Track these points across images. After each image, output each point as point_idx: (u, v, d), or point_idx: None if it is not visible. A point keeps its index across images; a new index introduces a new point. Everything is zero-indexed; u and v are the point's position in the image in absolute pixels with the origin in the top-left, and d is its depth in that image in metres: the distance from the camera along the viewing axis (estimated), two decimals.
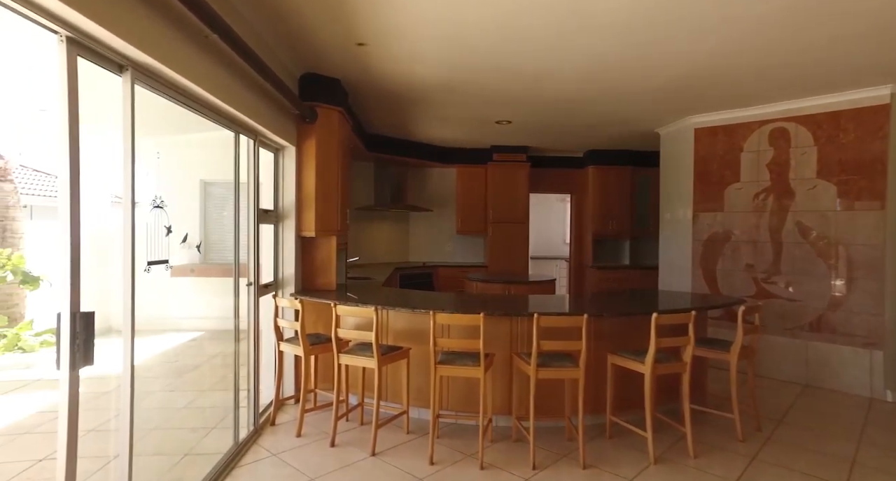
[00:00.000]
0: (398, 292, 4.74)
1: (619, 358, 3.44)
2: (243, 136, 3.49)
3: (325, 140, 4.35)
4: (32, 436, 3.59)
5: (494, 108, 5.52)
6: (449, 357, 3.31)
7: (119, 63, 2.03)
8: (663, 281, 6.19)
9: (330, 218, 4.41)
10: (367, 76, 4.39)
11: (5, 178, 6.33)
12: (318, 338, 3.78)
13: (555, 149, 8.13)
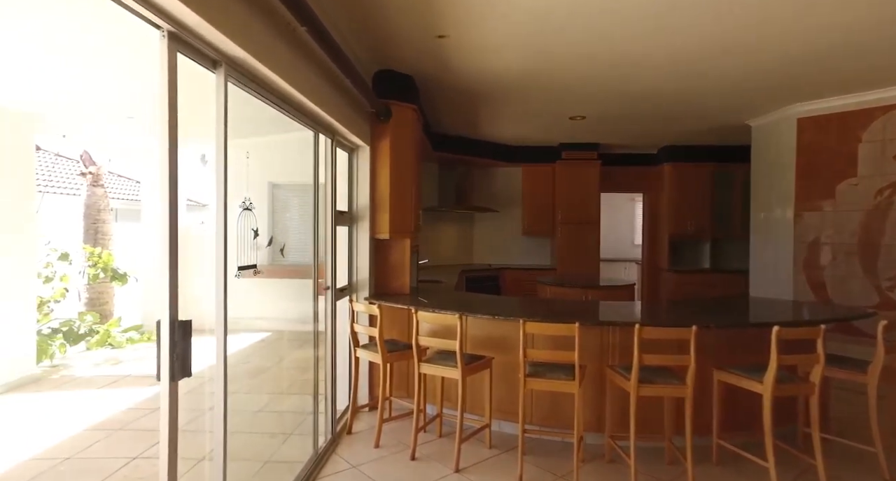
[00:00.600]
0: (475, 297, 4.55)
1: (730, 375, 3.07)
2: (321, 136, 3.39)
3: (399, 139, 4.22)
4: (126, 433, 3.67)
5: (570, 103, 5.23)
6: (538, 369, 3.06)
7: (213, 58, 1.95)
8: (755, 286, 5.65)
9: (404, 219, 4.28)
10: (442, 71, 4.23)
11: (97, 183, 6.70)
12: (394, 345, 3.65)
13: (627, 146, 7.69)
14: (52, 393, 4.57)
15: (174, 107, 1.73)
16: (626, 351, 3.36)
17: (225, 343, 2.18)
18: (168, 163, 1.72)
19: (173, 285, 1.74)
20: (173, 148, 1.75)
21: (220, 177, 2.11)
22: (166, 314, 1.71)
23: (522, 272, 7.52)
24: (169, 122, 1.71)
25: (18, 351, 4.74)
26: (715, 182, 7.41)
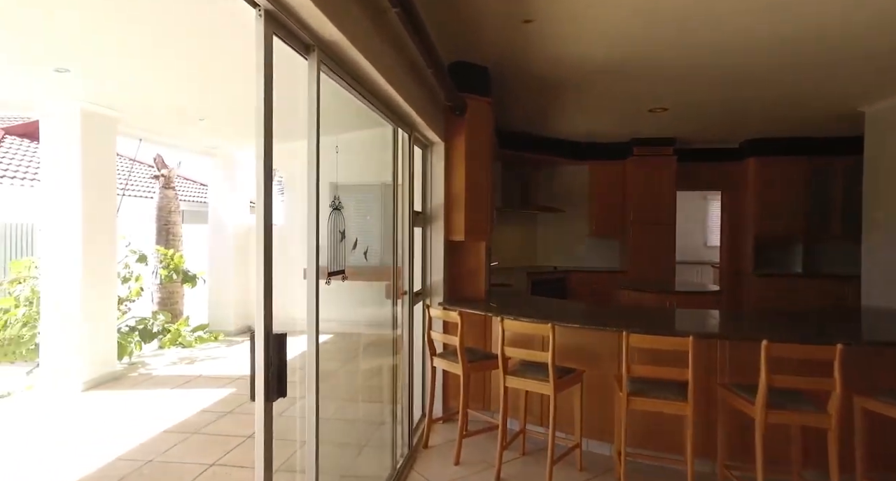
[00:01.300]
0: (557, 304, 4.24)
1: (877, 403, 2.61)
2: (400, 131, 3.20)
3: (474, 134, 3.98)
4: (201, 437, 3.62)
5: (654, 93, 4.82)
6: (640, 386, 2.73)
7: (307, 42, 1.77)
8: (869, 294, 5.01)
9: (480, 220, 4.03)
10: (519, 62, 3.96)
11: (169, 186, 6.87)
12: (473, 354, 3.40)
13: (706, 140, 7.11)
14: (131, 391, 4.64)
15: (269, 94, 1.56)
16: (739, 368, 2.97)
17: (317, 356, 2.01)
18: (263, 159, 1.54)
19: (268, 295, 1.56)
20: (268, 140, 1.57)
21: (313, 174, 1.93)
22: (260, 326, 1.53)
23: (590, 275, 7.11)
24: (265, 112, 1.54)
25: (102, 348, 4.85)
26: (811, 177, 6.72)
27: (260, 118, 1.53)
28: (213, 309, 7.13)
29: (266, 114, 1.54)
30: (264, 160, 1.54)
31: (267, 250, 1.55)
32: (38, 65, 3.77)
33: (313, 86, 1.84)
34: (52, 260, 4.65)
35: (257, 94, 1.54)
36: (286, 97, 1.79)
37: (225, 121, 5.83)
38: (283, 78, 1.82)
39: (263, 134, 1.54)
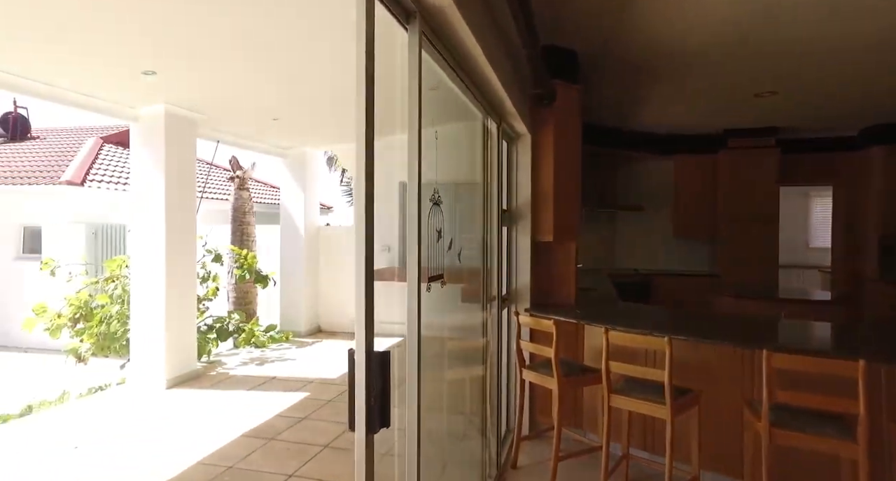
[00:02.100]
0: (656, 312, 3.81)
1: None
2: (490, 122, 2.92)
3: (563, 125, 3.63)
4: (279, 444, 3.51)
5: (763, 75, 4.24)
6: (785, 416, 2.27)
7: (409, 8, 1.52)
8: None
9: (569, 219, 3.68)
10: (611, 44, 3.57)
11: (243, 187, 7.00)
12: (569, 368, 3.05)
13: (815, 128, 6.30)
14: (210, 391, 4.67)
15: (371, 65, 1.32)
16: None
17: (418, 371, 1.74)
18: (364, 144, 1.30)
19: (369, 307, 1.31)
20: (370, 122, 1.33)
21: (414, 166, 1.68)
22: (361, 343, 1.29)
23: (676, 279, 6.50)
24: (366, 91, 1.30)
25: (184, 346, 4.93)
26: None
27: (361, 93, 1.30)
28: (284, 309, 7.19)
29: (367, 89, 1.31)
30: (366, 148, 1.31)
31: (368, 257, 1.31)
32: (128, 68, 3.82)
33: (414, 61, 1.59)
34: (140, 260, 4.78)
35: (357, 66, 1.31)
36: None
37: (298, 120, 5.82)
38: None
39: (365, 112, 1.30)
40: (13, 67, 3.69)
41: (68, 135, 11.12)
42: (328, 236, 7.47)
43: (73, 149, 9.60)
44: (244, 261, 6.51)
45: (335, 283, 7.34)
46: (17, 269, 8.32)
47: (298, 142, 6.85)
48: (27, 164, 9.14)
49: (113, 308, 5.33)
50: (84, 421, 3.99)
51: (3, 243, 8.46)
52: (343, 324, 7.30)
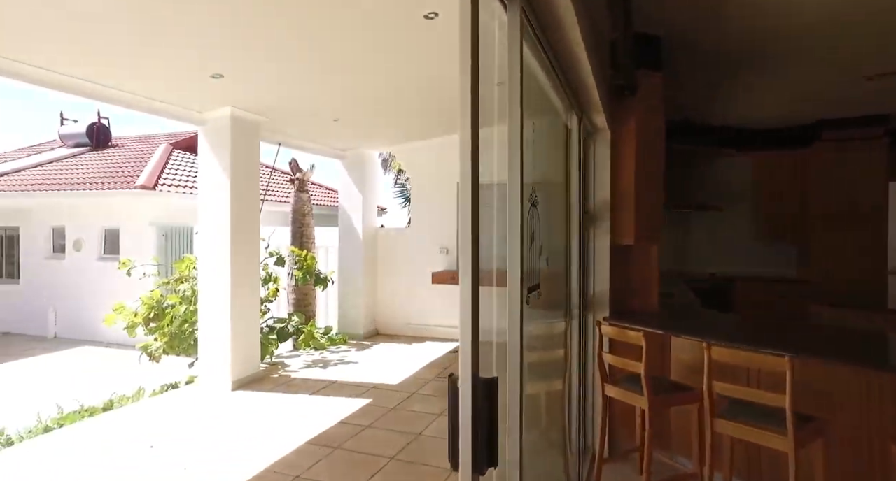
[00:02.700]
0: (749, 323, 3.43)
1: None
2: (572, 116, 2.67)
3: (645, 118, 3.33)
4: (343, 454, 3.41)
5: (884, 54, 3.74)
6: None
7: None
8: None
9: (652, 221, 3.37)
10: (701, 29, 3.24)
11: (303, 189, 7.06)
12: (659, 384, 2.75)
13: None
14: (273, 394, 4.67)
15: (475, 50, 1.13)
16: None
17: (521, 399, 1.53)
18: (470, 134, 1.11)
19: (475, 330, 1.12)
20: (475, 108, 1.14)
21: (516, 163, 1.49)
22: (466, 369, 1.10)
23: (760, 284, 5.95)
24: (471, 72, 1.11)
25: (248, 348, 4.97)
26: None
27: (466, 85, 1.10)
28: (342, 311, 7.19)
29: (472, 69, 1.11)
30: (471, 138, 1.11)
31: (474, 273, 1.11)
32: (197, 71, 3.86)
33: (515, 45, 1.38)
34: (207, 261, 4.86)
35: (461, 47, 1.12)
36: (429, 87, 1.36)
37: (359, 120, 5.78)
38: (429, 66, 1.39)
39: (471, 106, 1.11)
40: (95, 76, 3.80)
41: (143, 143, 11.76)
42: (385, 238, 7.42)
43: (146, 156, 10.11)
44: (304, 262, 6.55)
45: (392, 285, 7.28)
46: (101, 269, 8.82)
47: (357, 143, 6.84)
48: (108, 171, 9.71)
49: (182, 308, 5.47)
50: (158, 420, 4.07)
51: (89, 244, 9.00)
52: (400, 327, 7.23)
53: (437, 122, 6.30)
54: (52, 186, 9.20)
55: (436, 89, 4.89)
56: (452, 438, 1.15)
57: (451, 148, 6.86)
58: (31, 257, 9.53)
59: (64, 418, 4.55)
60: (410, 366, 5.58)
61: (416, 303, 7.14)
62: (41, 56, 3.41)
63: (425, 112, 5.77)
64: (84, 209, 9.01)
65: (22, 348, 8.39)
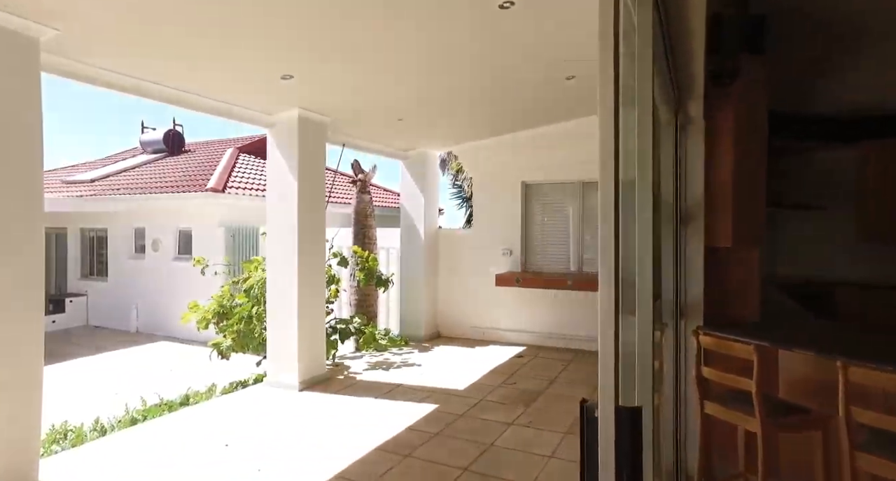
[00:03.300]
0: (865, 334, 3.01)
1: None
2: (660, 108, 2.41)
3: (746, 106, 2.99)
4: (414, 462, 3.30)
5: None
6: None
7: None
8: None
9: (752, 220, 3.02)
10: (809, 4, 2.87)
11: (365, 190, 7.08)
12: (770, 405, 2.43)
13: None
14: (340, 396, 4.65)
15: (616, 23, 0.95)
16: None
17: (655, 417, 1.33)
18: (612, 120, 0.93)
19: (616, 353, 0.93)
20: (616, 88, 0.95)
21: (647, 158, 1.29)
22: (609, 396, 0.91)
23: (872, 292, 5.32)
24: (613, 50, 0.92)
25: (315, 348, 4.99)
26: None
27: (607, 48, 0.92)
28: (403, 313, 7.15)
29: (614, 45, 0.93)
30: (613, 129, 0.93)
31: (615, 281, 0.93)
32: (266, 73, 3.89)
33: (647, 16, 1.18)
34: (275, 261, 4.92)
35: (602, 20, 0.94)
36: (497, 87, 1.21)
37: (423, 119, 5.69)
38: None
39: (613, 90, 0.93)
40: (170, 81, 3.91)
41: (212, 148, 12.34)
42: (447, 238, 7.31)
43: (215, 160, 10.58)
44: (366, 263, 6.55)
45: (454, 287, 7.16)
46: (176, 268, 9.29)
47: (419, 143, 6.77)
48: (181, 175, 10.24)
49: (250, 307, 5.59)
50: (231, 418, 4.13)
51: (165, 245, 9.51)
52: (462, 330, 7.08)
53: (501, 120, 6.12)
54: (134, 190, 9.79)
55: (503, 86, 4.72)
56: (585, 474, 0.97)
57: (516, 146, 6.65)
58: (117, 257, 10.19)
59: (147, 410, 4.76)
60: (475, 371, 5.42)
61: (479, 306, 6.98)
62: (129, 64, 3.52)
63: (491, 110, 5.60)
64: (161, 211, 9.52)
65: (110, 341, 8.97)
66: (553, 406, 4.39)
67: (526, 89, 4.81)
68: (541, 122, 6.25)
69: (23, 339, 2.89)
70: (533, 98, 5.24)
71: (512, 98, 5.10)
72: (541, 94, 5.02)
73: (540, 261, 6.79)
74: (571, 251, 6.55)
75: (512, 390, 4.82)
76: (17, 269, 2.85)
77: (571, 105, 5.55)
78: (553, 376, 5.27)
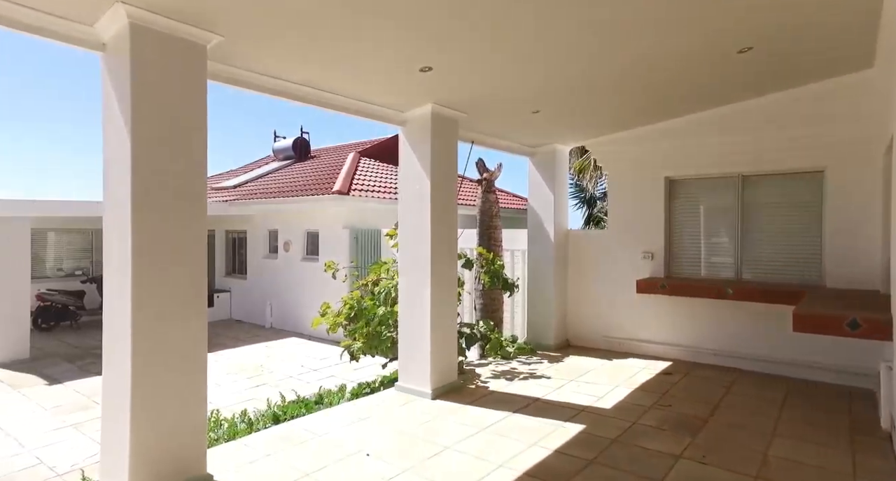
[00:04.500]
0: None
1: None
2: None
3: None
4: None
5: None
6: None
7: None
8: None
9: None
10: None
11: (490, 190, 6.79)
12: None
13: None
14: (475, 408, 4.35)
15: None
16: None
17: None
18: None
19: None
20: None
21: None
22: None
23: None
24: None
25: (446, 355, 4.77)
26: None
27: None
28: (530, 319, 6.73)
29: None
30: None
31: None
32: (405, 64, 3.71)
33: None
34: (407, 264, 4.78)
35: None
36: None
37: (560, 111, 5.23)
38: None
39: None
40: (314, 81, 3.90)
41: (334, 153, 12.96)
42: (578, 240, 6.76)
43: (338, 164, 11.03)
44: (492, 265, 6.24)
45: (586, 293, 6.59)
46: (304, 268, 9.81)
47: (550, 138, 6.32)
48: (309, 179, 10.82)
49: (379, 310, 5.54)
50: (368, 425, 4.02)
51: (295, 246, 10.09)
52: (595, 339, 6.48)
53: (644, 110, 5.46)
54: (268, 195, 10.54)
55: (649, 71, 4.14)
56: None
57: (658, 138, 5.92)
58: (254, 257, 11.05)
59: (286, 406, 4.88)
60: (619, 388, 4.84)
61: (614, 314, 6.33)
62: (266, 62, 3.52)
63: (632, 99, 5.00)
64: (290, 214, 10.11)
65: (248, 334, 9.70)
66: (728, 438, 3.69)
67: (685, 67, 4.16)
68: (692, 108, 5.47)
69: (195, 336, 2.96)
70: (689, 80, 4.55)
71: (664, 81, 4.46)
72: (701, 72, 4.32)
73: (688, 267, 5.97)
74: (732, 255, 5.66)
75: (668, 413, 4.18)
76: (190, 269, 2.93)
77: (741, 83, 4.75)
78: (715, 400, 4.51)
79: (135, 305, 2.71)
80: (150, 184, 2.77)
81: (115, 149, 2.84)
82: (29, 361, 7.40)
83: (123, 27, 2.70)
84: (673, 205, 6.04)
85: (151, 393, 2.77)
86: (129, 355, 2.70)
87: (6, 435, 4.61)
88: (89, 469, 3.71)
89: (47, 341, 8.67)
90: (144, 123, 2.75)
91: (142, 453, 2.73)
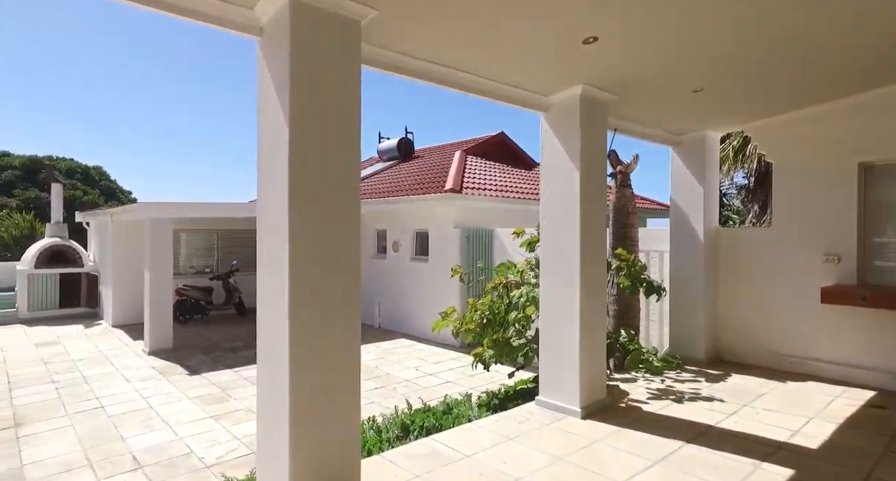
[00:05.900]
0: None
1: None
2: None
3: None
4: None
5: None
6: None
7: None
8: None
9: None
10: None
11: (625, 184, 6.08)
12: None
13: None
14: (633, 432, 3.74)
15: None
16: None
17: None
18: None
19: None
20: None
21: None
22: None
23: None
24: None
25: (595, 369, 4.21)
26: None
27: None
28: (674, 328, 5.93)
29: None
30: None
31: None
32: (567, 35, 3.21)
33: None
34: (552, 265, 4.27)
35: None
36: None
37: (729, 88, 4.43)
38: None
39: None
40: (459, 61, 3.54)
41: (438, 152, 12.79)
42: (732, 239, 5.85)
43: (444, 163, 10.80)
44: (631, 267, 5.54)
45: (741, 300, 5.67)
46: (412, 268, 9.67)
47: (701, 123, 5.50)
48: (415, 178, 10.71)
49: (511, 314, 5.10)
50: (517, 448, 3.58)
51: (404, 246, 10.01)
52: (757, 355, 5.55)
53: (835, 82, 4.49)
54: (376, 195, 10.56)
55: (853, 30, 3.27)
56: None
57: (850, 116, 4.87)
58: (365, 257, 11.16)
59: (413, 415, 4.59)
60: (816, 421, 3.96)
61: (786, 327, 5.35)
62: (418, 41, 3.20)
63: (810, 72, 4.10)
64: (398, 214, 10.03)
65: None
66: None
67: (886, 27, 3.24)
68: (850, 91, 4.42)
69: (350, 343, 2.71)
70: (890, 44, 3.59)
71: (868, 44, 3.55)
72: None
73: (890, 274, 4.86)
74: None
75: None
76: (346, 269, 2.69)
77: None
78: None
79: (292, 313, 2.49)
80: (308, 177, 2.54)
81: (270, 141, 2.66)
82: (171, 351, 7.94)
83: (284, 5, 2.50)
84: (870, 197, 4.95)
85: (308, 406, 2.55)
86: (286, 362, 2.49)
87: (162, 421, 4.82)
88: (230, 464, 3.67)
89: (185, 333, 9.31)
90: (303, 111, 2.52)
91: (301, 461, 2.52)
